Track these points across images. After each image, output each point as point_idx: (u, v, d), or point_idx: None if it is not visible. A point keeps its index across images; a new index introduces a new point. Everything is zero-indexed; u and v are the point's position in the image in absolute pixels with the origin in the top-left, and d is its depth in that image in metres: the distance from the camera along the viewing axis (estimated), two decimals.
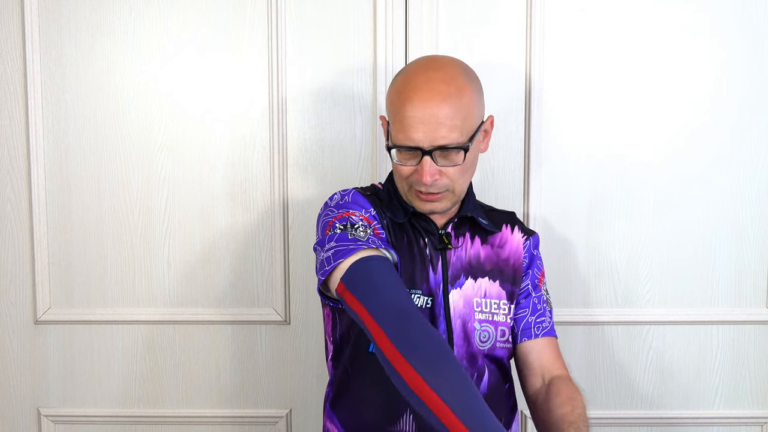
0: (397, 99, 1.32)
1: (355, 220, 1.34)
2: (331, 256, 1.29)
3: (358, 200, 1.40)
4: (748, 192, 1.81)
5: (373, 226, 1.35)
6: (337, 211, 1.37)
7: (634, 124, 1.79)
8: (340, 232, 1.32)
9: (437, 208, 1.37)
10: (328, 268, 1.29)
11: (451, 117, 1.29)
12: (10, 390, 1.88)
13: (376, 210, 1.39)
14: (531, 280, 1.48)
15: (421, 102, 1.29)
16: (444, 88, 1.30)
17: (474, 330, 1.39)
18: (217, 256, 1.83)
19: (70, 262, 1.84)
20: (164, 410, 1.88)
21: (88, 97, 1.80)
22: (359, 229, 1.32)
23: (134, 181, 1.82)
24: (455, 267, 1.40)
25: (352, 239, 1.29)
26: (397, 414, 1.36)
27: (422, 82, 1.31)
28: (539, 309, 1.47)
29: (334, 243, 1.30)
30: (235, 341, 1.86)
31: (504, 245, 1.46)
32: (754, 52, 1.78)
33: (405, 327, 1.16)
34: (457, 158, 1.32)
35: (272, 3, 1.77)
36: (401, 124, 1.30)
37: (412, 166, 1.33)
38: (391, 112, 1.34)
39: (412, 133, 1.29)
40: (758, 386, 1.87)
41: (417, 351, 1.13)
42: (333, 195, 1.42)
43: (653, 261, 1.82)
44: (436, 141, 1.29)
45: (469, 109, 1.32)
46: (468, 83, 1.33)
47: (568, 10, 1.77)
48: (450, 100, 1.29)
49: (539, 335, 1.45)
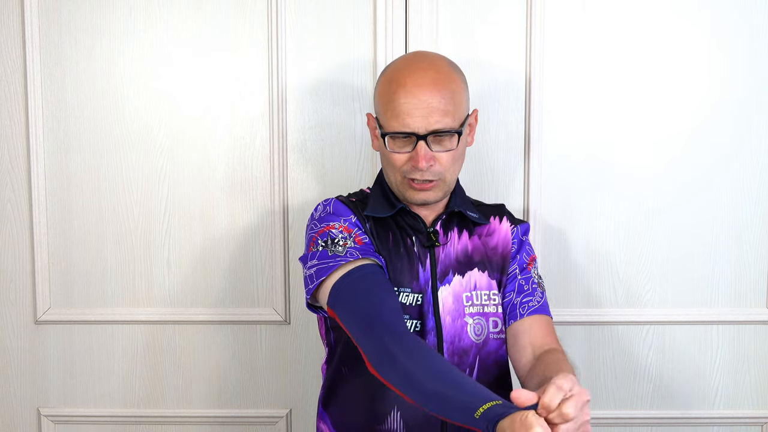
0: (388, 88, 1.34)
1: (335, 234, 1.37)
2: (313, 274, 1.35)
3: (338, 209, 1.41)
4: (748, 192, 1.81)
5: (354, 234, 1.37)
6: (320, 225, 1.40)
7: (634, 124, 1.79)
8: (321, 249, 1.36)
9: (429, 198, 1.38)
10: (311, 287, 1.35)
11: (444, 102, 1.32)
12: (10, 390, 1.88)
13: (357, 216, 1.41)
14: (519, 264, 1.47)
15: (414, 87, 1.31)
16: (435, 74, 1.33)
17: (466, 325, 1.40)
18: (217, 256, 1.83)
19: (70, 262, 1.84)
20: (164, 410, 1.87)
21: (88, 97, 1.80)
22: (339, 244, 1.35)
23: (134, 181, 1.82)
24: (443, 264, 1.41)
25: (331, 256, 1.33)
26: (385, 413, 1.38)
27: (412, 71, 1.34)
28: (526, 289, 1.45)
29: (315, 261, 1.35)
30: (235, 341, 1.86)
31: (492, 233, 1.47)
32: (754, 52, 1.78)
33: (372, 341, 1.23)
34: (450, 143, 1.35)
35: (272, 3, 1.77)
36: (394, 111, 1.32)
37: (405, 153, 1.35)
38: (382, 103, 1.36)
39: (406, 119, 1.31)
40: (758, 386, 1.87)
41: (383, 364, 1.20)
42: (317, 206, 1.45)
43: (653, 261, 1.82)
44: (430, 125, 1.31)
45: (459, 97, 1.35)
46: (455, 72, 1.38)
47: (568, 10, 1.77)
48: (441, 86, 1.32)
49: (524, 314, 1.42)
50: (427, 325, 1.38)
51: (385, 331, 1.23)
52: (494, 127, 1.80)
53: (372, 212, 1.41)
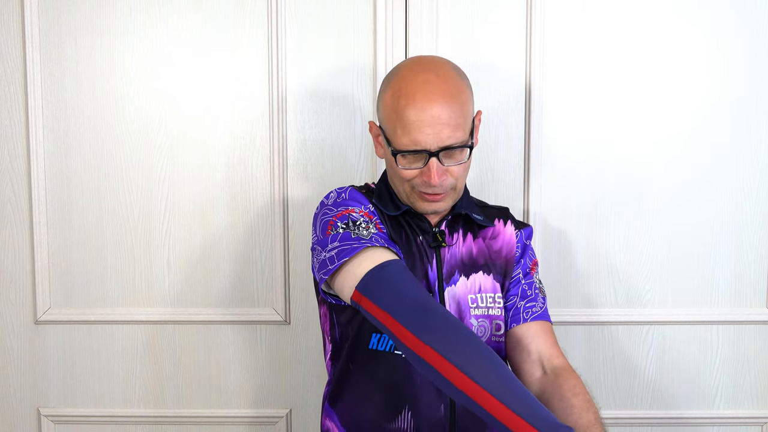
0: (396, 103, 1.30)
1: (356, 217, 1.33)
2: (334, 255, 1.29)
3: (355, 196, 1.39)
4: (748, 192, 1.81)
5: (374, 221, 1.35)
6: (336, 210, 1.36)
7: (634, 124, 1.79)
8: (342, 231, 1.31)
9: (440, 208, 1.37)
10: (331, 267, 1.28)
11: (454, 116, 1.29)
12: (10, 390, 1.88)
13: (373, 206, 1.39)
14: (522, 268, 1.47)
15: (423, 104, 1.28)
16: (444, 87, 1.29)
17: (471, 326, 1.39)
18: (217, 256, 1.83)
19: (70, 262, 1.84)
20: (164, 410, 1.88)
21: (87, 97, 1.80)
22: (361, 227, 1.32)
23: (134, 181, 1.82)
24: (449, 264, 1.40)
25: (355, 238, 1.29)
26: (396, 411, 1.36)
27: (420, 84, 1.30)
28: (529, 294, 1.46)
29: (337, 243, 1.30)
30: (235, 341, 1.86)
31: (496, 237, 1.47)
32: (754, 52, 1.78)
33: (427, 321, 1.17)
34: (461, 156, 1.33)
35: (272, 3, 1.77)
36: (404, 128, 1.29)
37: (417, 169, 1.32)
38: (389, 117, 1.32)
39: (417, 136, 1.28)
40: (758, 386, 1.87)
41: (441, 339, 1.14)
42: (329, 193, 1.41)
43: (653, 261, 1.82)
44: (442, 142, 1.29)
45: (468, 107, 1.33)
46: (462, 81, 1.34)
47: (568, 10, 1.77)
48: (451, 99, 1.29)
49: (528, 320, 1.43)
50: None
51: (442, 309, 1.20)
52: (494, 127, 1.80)
53: (381, 206, 1.40)
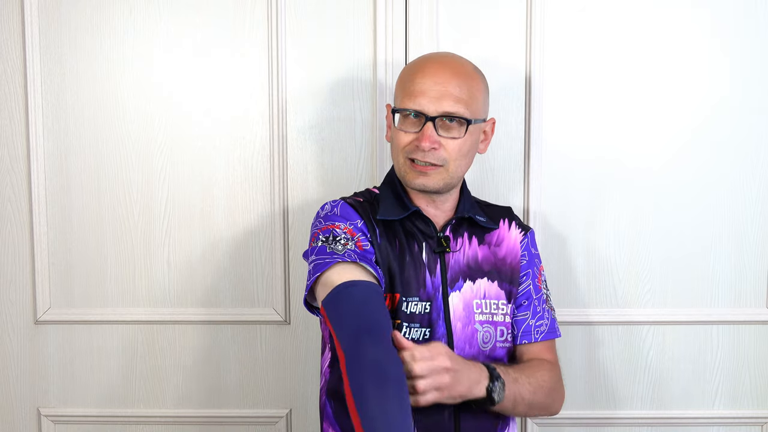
0: (408, 73, 1.39)
1: (338, 233, 1.36)
2: (311, 269, 1.34)
3: (345, 212, 1.40)
4: (748, 192, 1.81)
5: (356, 238, 1.36)
6: (324, 223, 1.39)
7: (634, 124, 1.79)
8: (321, 244, 1.35)
9: (428, 183, 1.37)
10: (308, 282, 1.34)
11: (459, 90, 1.34)
12: (10, 390, 1.88)
13: (364, 221, 1.39)
14: (532, 280, 1.49)
15: (432, 71, 1.35)
16: (457, 66, 1.38)
17: (476, 332, 1.39)
18: (217, 256, 1.83)
19: (70, 262, 1.84)
20: (164, 410, 1.87)
21: (88, 97, 1.80)
22: (339, 242, 1.34)
23: (134, 181, 1.82)
24: (454, 270, 1.40)
25: (329, 253, 1.32)
26: None
27: (435, 60, 1.40)
28: (539, 312, 1.49)
29: (314, 256, 1.35)
30: (235, 341, 1.86)
31: (501, 243, 1.47)
32: (755, 52, 1.78)
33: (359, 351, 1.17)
34: (458, 131, 1.35)
35: (272, 3, 1.77)
36: (409, 91, 1.36)
37: (413, 133, 1.36)
38: (400, 86, 1.40)
39: (419, 98, 1.34)
40: (758, 386, 1.87)
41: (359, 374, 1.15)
42: (324, 204, 1.44)
43: (653, 261, 1.82)
44: (441, 107, 1.33)
45: (477, 94, 1.38)
46: (478, 74, 1.41)
47: (568, 10, 1.77)
48: (460, 76, 1.36)
49: (539, 339, 1.48)
50: (437, 332, 1.37)
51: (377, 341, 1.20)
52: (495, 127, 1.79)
53: (384, 215, 1.40)
